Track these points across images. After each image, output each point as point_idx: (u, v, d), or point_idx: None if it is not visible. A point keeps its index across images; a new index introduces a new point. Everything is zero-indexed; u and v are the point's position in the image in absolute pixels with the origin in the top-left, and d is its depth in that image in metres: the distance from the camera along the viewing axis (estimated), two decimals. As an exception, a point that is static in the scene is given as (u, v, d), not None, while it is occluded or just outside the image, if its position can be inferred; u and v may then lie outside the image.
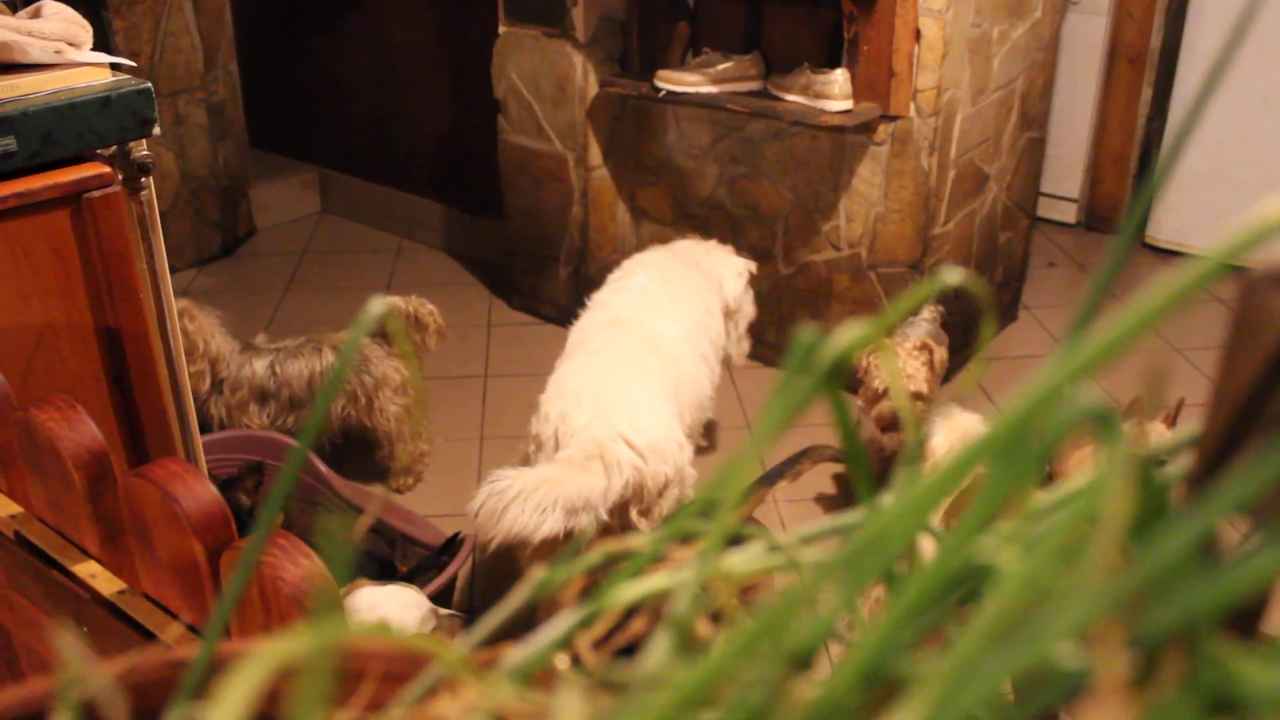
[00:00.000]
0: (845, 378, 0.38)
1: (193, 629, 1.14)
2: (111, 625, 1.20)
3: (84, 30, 1.75)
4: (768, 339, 3.48)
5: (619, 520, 2.21)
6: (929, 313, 3.15)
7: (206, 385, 2.88)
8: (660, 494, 2.26)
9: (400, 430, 3.02)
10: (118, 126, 1.72)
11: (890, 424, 2.83)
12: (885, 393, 2.78)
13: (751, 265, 2.99)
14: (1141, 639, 0.25)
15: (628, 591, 0.33)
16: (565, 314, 3.38)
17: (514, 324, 4.06)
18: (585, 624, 0.35)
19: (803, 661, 0.29)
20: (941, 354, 2.92)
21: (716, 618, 0.37)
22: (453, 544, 2.62)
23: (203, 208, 4.50)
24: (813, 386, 0.34)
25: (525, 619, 0.42)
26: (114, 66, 1.76)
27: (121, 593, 1.21)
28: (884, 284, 3.43)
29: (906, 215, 3.33)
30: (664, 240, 3.09)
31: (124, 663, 0.34)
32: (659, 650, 0.33)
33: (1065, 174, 4.76)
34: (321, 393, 2.96)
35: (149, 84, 1.74)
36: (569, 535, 2.10)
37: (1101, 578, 0.23)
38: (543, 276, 4.03)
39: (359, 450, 3.14)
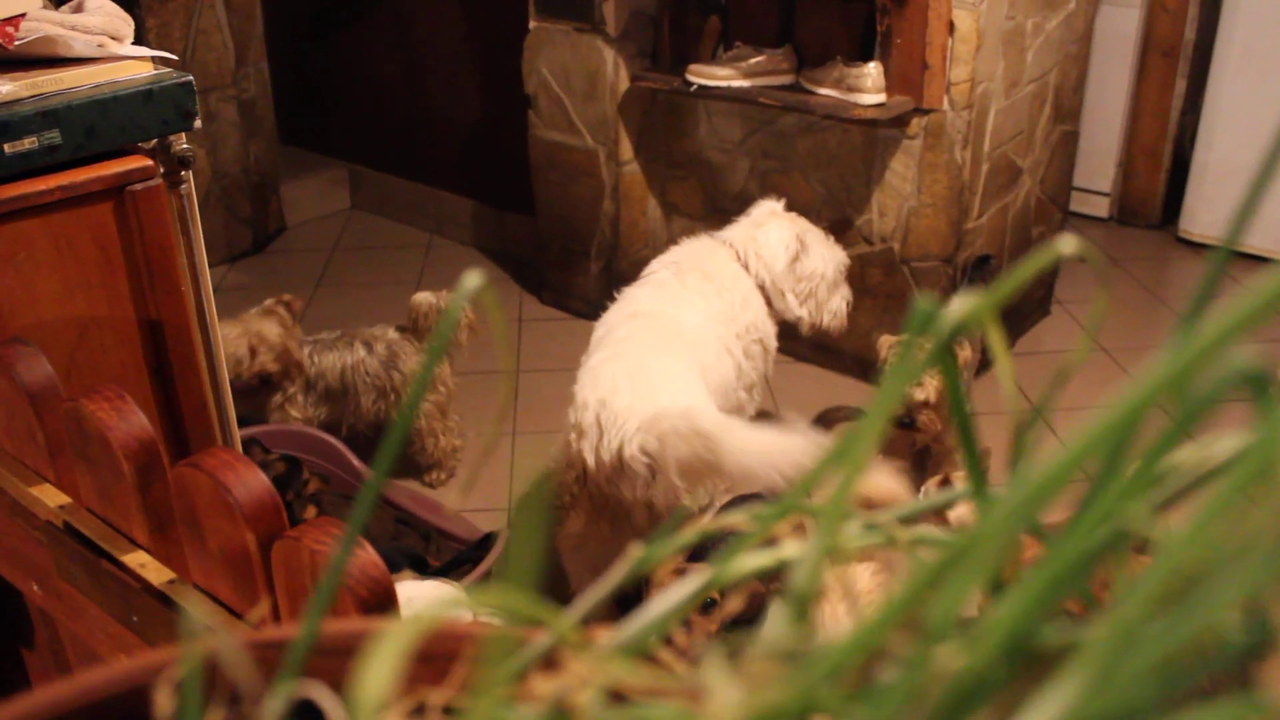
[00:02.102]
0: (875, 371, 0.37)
1: (244, 619, 1.14)
2: (162, 615, 1.20)
3: (126, 24, 1.75)
4: (799, 335, 3.47)
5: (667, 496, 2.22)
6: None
7: (298, 383, 2.91)
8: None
9: (431, 426, 3.03)
10: (159, 120, 1.73)
11: (898, 422, 2.81)
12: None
13: (805, 234, 2.88)
14: (1308, 607, 0.24)
15: (746, 564, 0.33)
16: (596, 309, 3.37)
17: (545, 319, 4.06)
18: (698, 597, 0.34)
19: (942, 635, 0.28)
20: (967, 353, 2.89)
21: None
22: (488, 540, 2.62)
23: (234, 204, 4.52)
24: (930, 356, 0.34)
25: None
26: (155, 60, 1.76)
27: (171, 582, 1.21)
28: (917, 278, 3.41)
29: (940, 209, 3.31)
30: (695, 235, 3.07)
31: (233, 637, 0.34)
32: (777, 624, 0.33)
33: (1097, 168, 4.73)
34: (356, 388, 2.97)
35: (190, 77, 1.75)
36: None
37: (1273, 541, 0.23)
38: (573, 272, 4.03)
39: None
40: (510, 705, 0.36)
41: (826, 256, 2.89)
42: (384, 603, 0.99)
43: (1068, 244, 0.36)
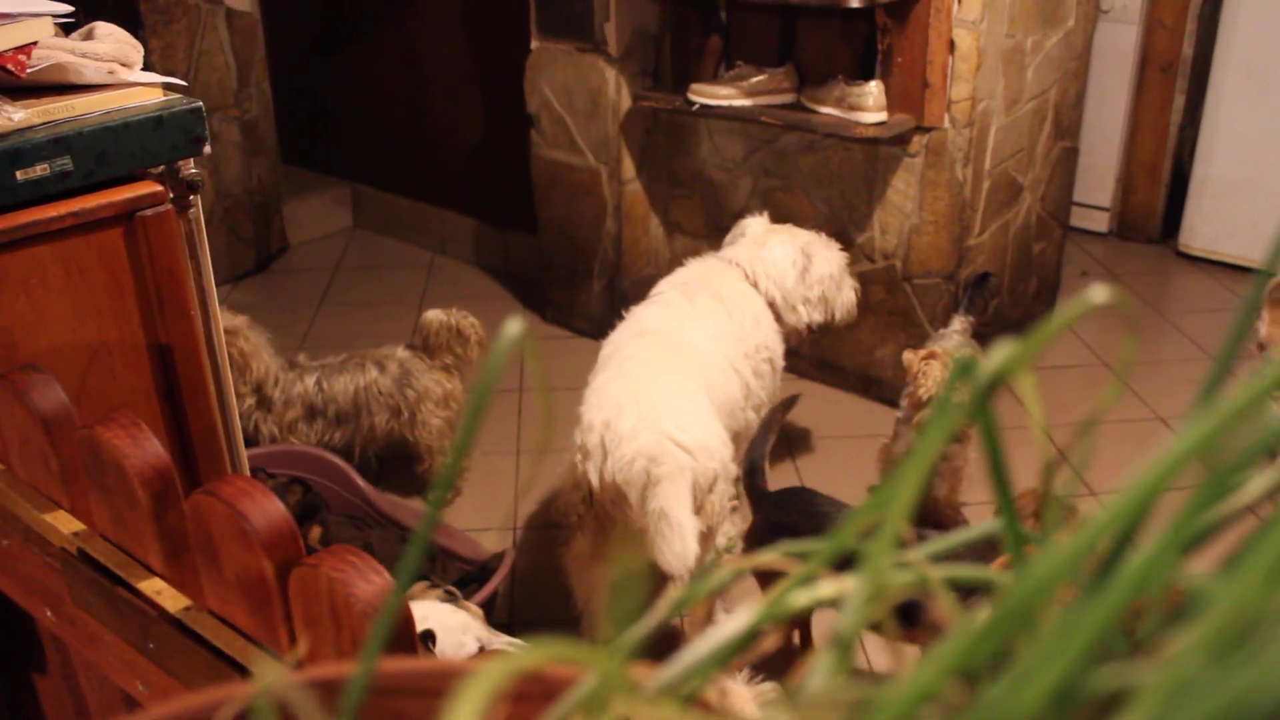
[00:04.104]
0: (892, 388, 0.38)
1: (261, 646, 1.15)
2: (178, 642, 1.20)
3: (136, 50, 1.76)
4: (801, 352, 3.48)
5: None
6: (959, 323, 3.14)
7: (248, 404, 2.90)
8: (710, 489, 2.27)
9: (441, 444, 3.03)
10: (170, 145, 1.74)
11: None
12: (929, 401, 2.77)
13: (808, 245, 2.94)
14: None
15: (797, 599, 0.34)
16: (599, 327, 3.39)
17: (548, 338, 4.07)
18: (748, 637, 0.35)
19: (990, 682, 0.29)
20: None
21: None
22: (495, 559, 2.63)
23: (236, 225, 4.53)
24: (970, 408, 0.34)
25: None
26: (165, 86, 1.77)
27: (187, 609, 1.22)
28: (919, 295, 3.42)
29: (941, 226, 3.32)
30: (698, 254, 3.09)
31: (298, 677, 0.34)
32: (822, 668, 0.33)
33: (1097, 183, 4.75)
34: (368, 409, 2.97)
35: (200, 103, 1.76)
36: None
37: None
38: (576, 290, 4.04)
39: (397, 464, 3.15)
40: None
41: (830, 258, 2.94)
42: (404, 631, 0.99)
43: (1099, 293, 0.36)
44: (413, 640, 1.00)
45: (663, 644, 0.43)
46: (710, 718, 0.33)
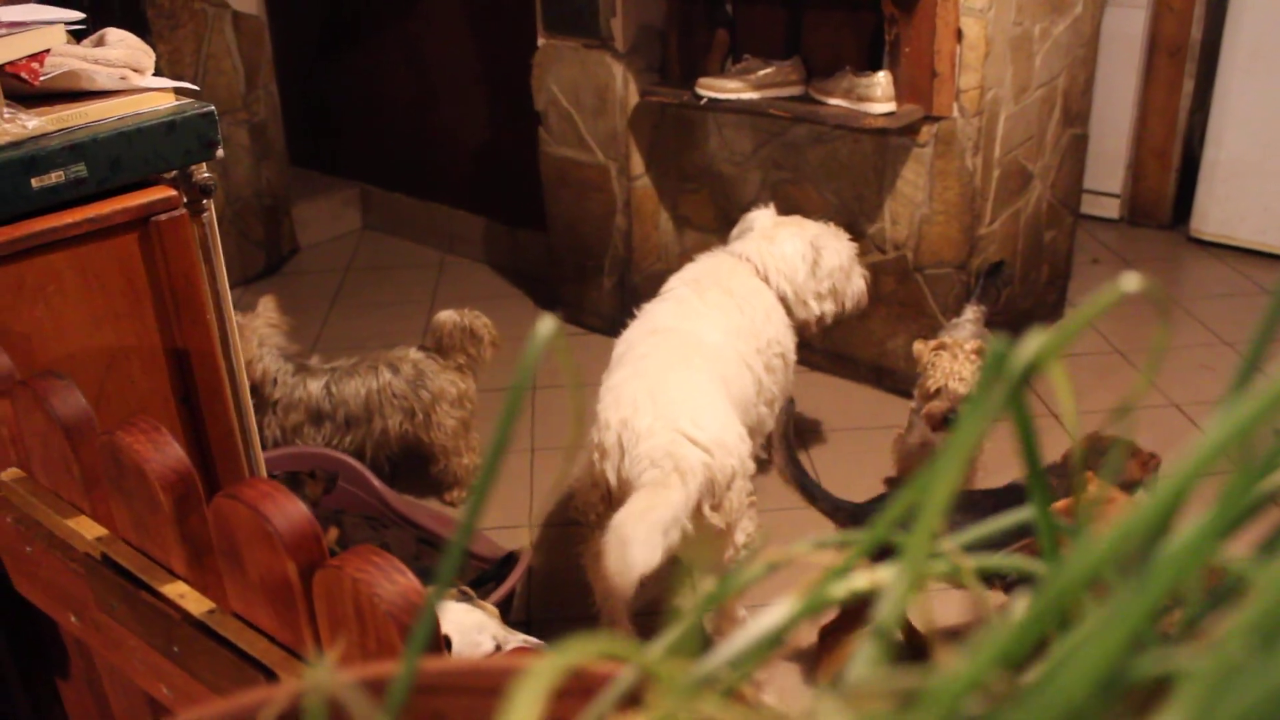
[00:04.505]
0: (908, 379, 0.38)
1: (286, 648, 1.15)
2: (202, 645, 1.21)
3: (147, 56, 1.77)
4: (814, 344, 3.47)
5: (693, 519, 2.22)
6: (972, 313, 3.14)
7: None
8: (729, 486, 2.28)
9: (456, 444, 3.04)
10: (183, 150, 1.75)
11: (940, 424, 2.82)
12: (938, 392, 2.77)
13: (817, 238, 2.93)
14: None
15: (837, 590, 0.34)
16: (611, 324, 3.39)
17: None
18: (785, 629, 0.35)
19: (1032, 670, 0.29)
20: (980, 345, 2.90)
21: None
22: (511, 558, 2.63)
23: (246, 228, 4.55)
24: (1006, 397, 0.35)
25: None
26: (177, 91, 1.78)
27: (211, 612, 1.22)
28: (930, 285, 3.42)
29: (952, 216, 3.32)
30: (708, 248, 3.09)
31: (347, 677, 0.35)
32: (865, 661, 0.33)
33: (1107, 169, 4.73)
34: (381, 412, 2.98)
35: (212, 107, 1.76)
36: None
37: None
38: (587, 287, 4.04)
39: (412, 464, 3.16)
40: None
41: (839, 249, 2.94)
42: (432, 632, 1.00)
43: (1131, 282, 0.37)
44: (439, 640, 1.01)
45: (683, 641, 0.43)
46: (753, 712, 0.33)
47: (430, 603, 0.36)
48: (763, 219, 2.98)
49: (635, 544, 2.03)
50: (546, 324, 0.41)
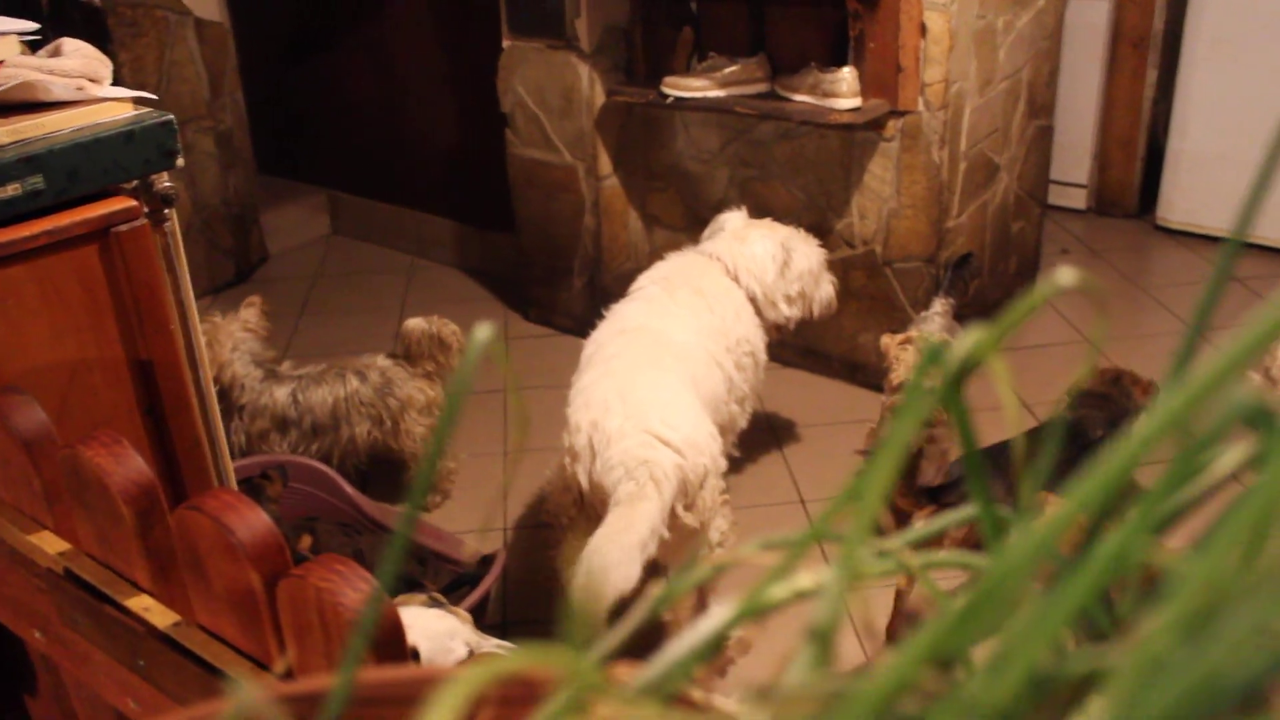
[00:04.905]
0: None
1: (252, 659, 1.15)
2: (168, 658, 1.20)
3: (104, 66, 1.75)
4: (785, 340, 3.48)
5: (667, 520, 2.22)
6: (941, 306, 3.15)
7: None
8: (701, 485, 2.27)
9: (426, 450, 3.03)
10: (142, 160, 1.73)
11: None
12: (902, 386, 2.79)
13: (788, 240, 2.93)
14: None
15: (768, 597, 0.34)
16: (582, 324, 3.38)
17: (531, 337, 4.07)
18: (724, 632, 0.35)
19: (965, 669, 0.29)
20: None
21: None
22: (486, 561, 2.62)
23: (215, 236, 4.52)
24: (940, 394, 0.34)
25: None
26: (135, 100, 1.77)
27: (176, 625, 1.21)
28: (900, 279, 3.43)
29: (920, 209, 3.33)
30: (677, 246, 3.09)
31: (271, 692, 0.34)
32: (803, 661, 0.33)
33: (1074, 160, 4.76)
34: (348, 420, 2.96)
35: (171, 116, 1.75)
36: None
37: (1291, 570, 0.24)
38: (557, 288, 4.03)
39: (384, 471, 3.14)
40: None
41: (809, 253, 2.94)
42: (393, 637, 0.99)
43: (1068, 275, 0.36)
44: (403, 647, 1.00)
45: (653, 641, 0.43)
46: (688, 715, 0.33)
47: (373, 606, 0.36)
48: (734, 220, 2.98)
49: (614, 568, 2.03)
50: (483, 329, 0.40)
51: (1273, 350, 2.67)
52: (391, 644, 0.98)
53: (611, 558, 2.03)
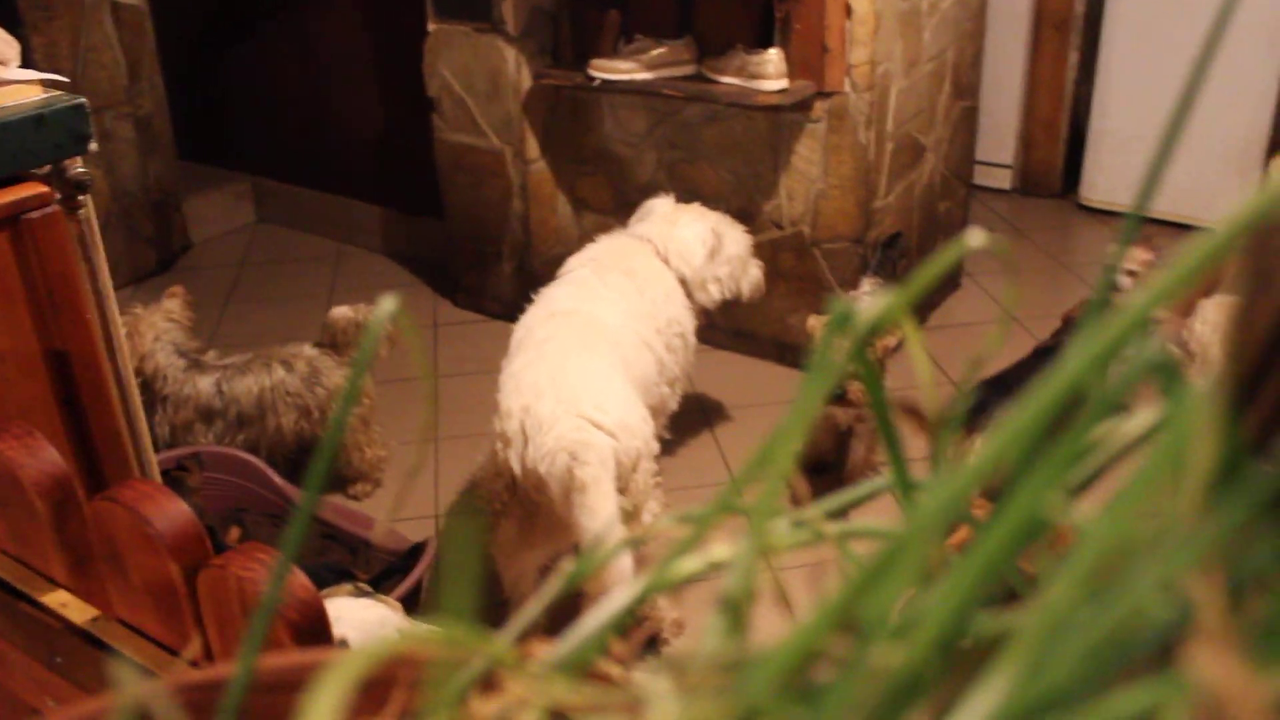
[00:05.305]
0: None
1: (172, 652, 1.12)
2: (87, 654, 1.17)
3: (10, 47, 1.70)
4: (716, 322, 3.48)
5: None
6: (868, 285, 3.17)
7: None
8: (634, 468, 2.27)
9: (356, 440, 2.99)
10: (53, 144, 1.68)
11: (834, 398, 2.86)
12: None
13: (718, 225, 2.93)
14: (1226, 582, 0.25)
15: (675, 571, 0.33)
16: (511, 309, 3.36)
17: (460, 322, 4.04)
18: (632, 608, 0.34)
19: (876, 633, 0.28)
20: (889, 341, 2.93)
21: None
22: (417, 550, 2.60)
23: (135, 224, 4.42)
24: (848, 357, 0.34)
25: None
26: (45, 83, 1.72)
27: (95, 620, 1.19)
28: (828, 260, 3.45)
29: (847, 190, 3.35)
30: (607, 230, 3.07)
31: (164, 683, 0.33)
32: (714, 631, 0.33)
33: (998, 141, 4.81)
34: (274, 410, 2.92)
35: (83, 99, 1.70)
36: None
37: (1193, 522, 0.23)
38: (486, 273, 4.01)
39: (312, 459, 3.10)
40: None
41: (738, 238, 2.95)
42: (316, 625, 0.98)
43: (975, 238, 0.36)
44: (327, 633, 0.98)
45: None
46: (596, 689, 0.32)
47: (273, 587, 0.35)
48: (662, 205, 2.97)
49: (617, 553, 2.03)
50: (387, 302, 0.39)
51: (1190, 325, 2.73)
52: (314, 631, 0.97)
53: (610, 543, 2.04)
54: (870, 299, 2.60)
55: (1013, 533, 0.28)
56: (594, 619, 0.36)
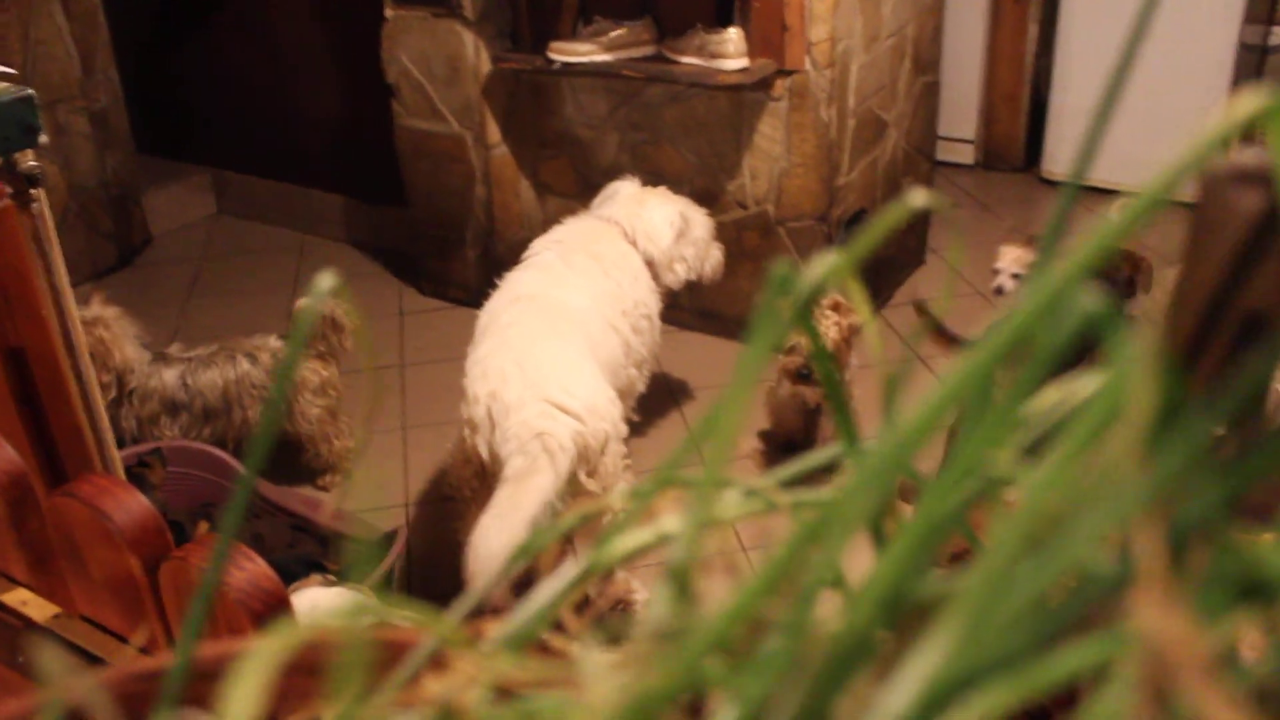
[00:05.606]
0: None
1: (136, 646, 1.11)
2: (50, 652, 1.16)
3: (-44, 41, 1.67)
4: (682, 303, 3.48)
5: (569, 486, 2.21)
6: (836, 264, 3.17)
7: (112, 396, 2.80)
8: (603, 451, 2.27)
9: (323, 431, 2.98)
10: (1, 137, 1.66)
11: (796, 378, 2.87)
12: (794, 348, 2.82)
13: (685, 209, 2.93)
14: (1167, 534, 0.24)
15: (619, 546, 0.32)
16: (476, 295, 3.34)
17: (426, 310, 4.02)
18: (577, 584, 0.34)
19: (819, 597, 0.28)
20: (853, 318, 2.94)
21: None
22: (388, 539, 2.59)
23: (94, 220, 4.37)
24: (791, 318, 0.34)
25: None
26: (-9, 76, 1.69)
27: (56, 617, 1.17)
28: (793, 238, 3.45)
29: (810, 168, 3.35)
30: (571, 213, 3.06)
31: (102, 674, 0.32)
32: (660, 602, 0.32)
33: (960, 116, 4.82)
34: (240, 403, 2.90)
35: (30, 91, 1.68)
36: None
37: (1132, 475, 0.23)
38: (451, 260, 3.99)
39: (281, 452, 3.08)
40: (399, 710, 0.36)
41: (702, 221, 2.95)
42: (280, 616, 0.97)
43: (919, 197, 0.36)
44: (287, 619, 0.97)
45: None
46: (541, 662, 0.32)
47: (211, 573, 0.34)
48: (628, 188, 2.97)
49: (501, 549, 2.02)
50: (324, 278, 0.38)
51: (1153, 293, 2.75)
52: (278, 619, 0.96)
53: (498, 540, 2.03)
54: (817, 263, 2.61)
55: (956, 492, 0.27)
56: (539, 596, 0.36)
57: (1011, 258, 2.89)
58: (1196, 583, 0.24)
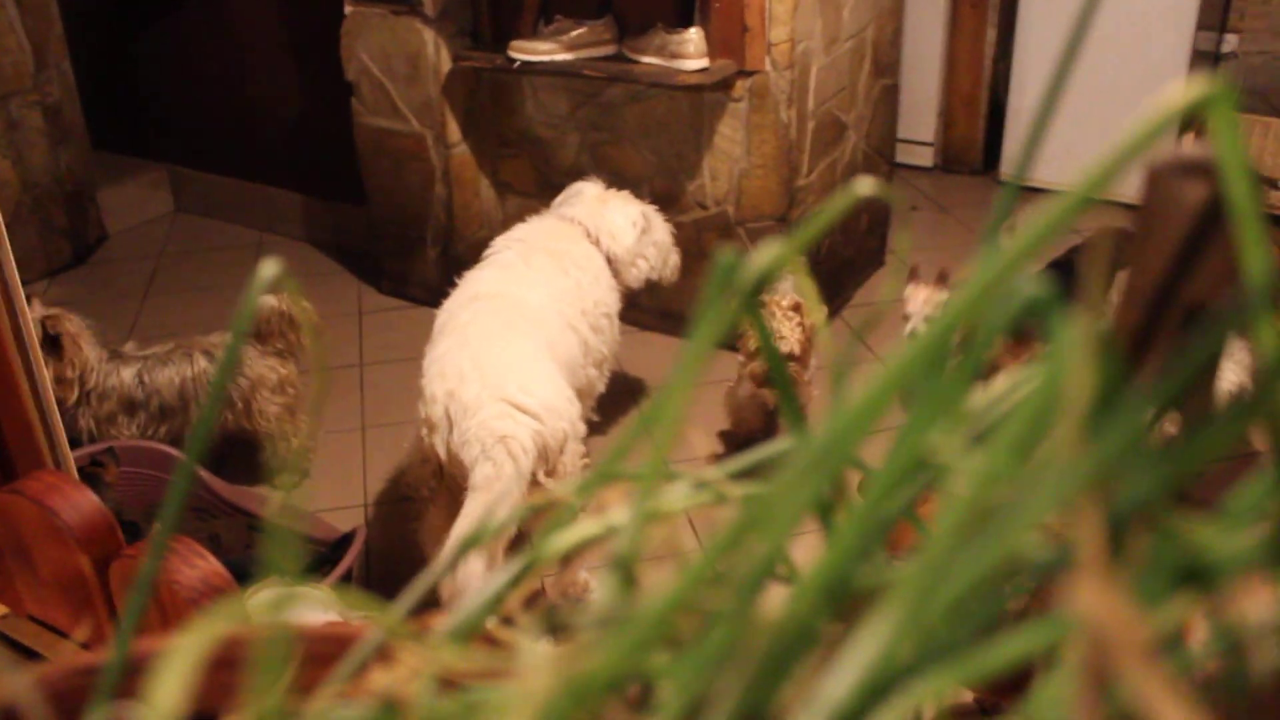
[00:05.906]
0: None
1: (85, 647, 1.10)
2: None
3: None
4: (642, 303, 3.48)
5: (528, 486, 2.20)
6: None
7: (75, 396, 2.77)
8: (561, 450, 2.26)
9: (281, 429, 2.95)
10: (-49, 132, 1.63)
11: (764, 382, 2.87)
12: (757, 351, 2.82)
13: (647, 211, 2.94)
14: (1107, 518, 0.24)
15: (562, 540, 0.32)
16: (436, 294, 3.33)
17: (385, 309, 4.00)
18: (520, 577, 0.33)
19: (758, 587, 0.28)
20: (813, 319, 2.95)
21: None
22: (347, 539, 2.57)
23: (48, 216, 4.32)
24: (737, 306, 0.34)
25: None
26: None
27: (4, 618, 1.16)
28: (753, 239, 3.45)
29: (770, 169, 3.35)
30: (532, 212, 3.05)
31: (37, 671, 0.32)
32: (605, 592, 0.32)
33: (919, 119, 4.85)
34: (198, 401, 2.87)
35: (-19, 85, 1.65)
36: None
37: (1070, 460, 0.23)
38: (410, 259, 3.97)
39: (239, 452, 3.06)
40: (343, 703, 0.35)
41: (663, 225, 2.97)
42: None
43: (864, 186, 0.36)
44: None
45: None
46: (484, 653, 0.32)
47: (149, 565, 0.33)
48: (591, 189, 2.97)
49: (478, 568, 2.02)
50: (268, 266, 0.38)
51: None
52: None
53: (475, 557, 2.03)
54: (793, 279, 2.60)
55: (898, 477, 0.27)
56: (485, 589, 0.36)
57: (922, 298, 2.87)
58: (1137, 568, 0.24)
